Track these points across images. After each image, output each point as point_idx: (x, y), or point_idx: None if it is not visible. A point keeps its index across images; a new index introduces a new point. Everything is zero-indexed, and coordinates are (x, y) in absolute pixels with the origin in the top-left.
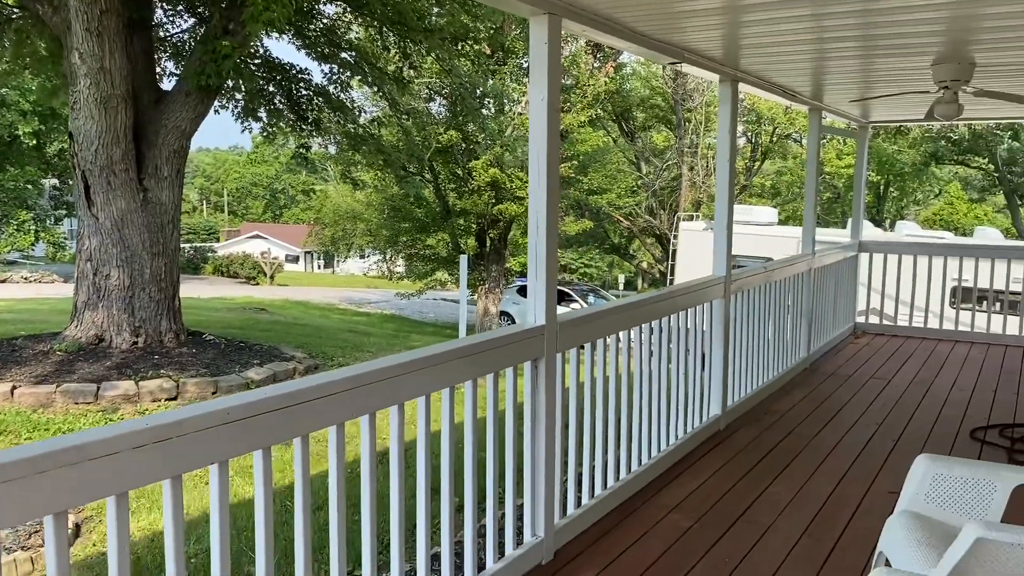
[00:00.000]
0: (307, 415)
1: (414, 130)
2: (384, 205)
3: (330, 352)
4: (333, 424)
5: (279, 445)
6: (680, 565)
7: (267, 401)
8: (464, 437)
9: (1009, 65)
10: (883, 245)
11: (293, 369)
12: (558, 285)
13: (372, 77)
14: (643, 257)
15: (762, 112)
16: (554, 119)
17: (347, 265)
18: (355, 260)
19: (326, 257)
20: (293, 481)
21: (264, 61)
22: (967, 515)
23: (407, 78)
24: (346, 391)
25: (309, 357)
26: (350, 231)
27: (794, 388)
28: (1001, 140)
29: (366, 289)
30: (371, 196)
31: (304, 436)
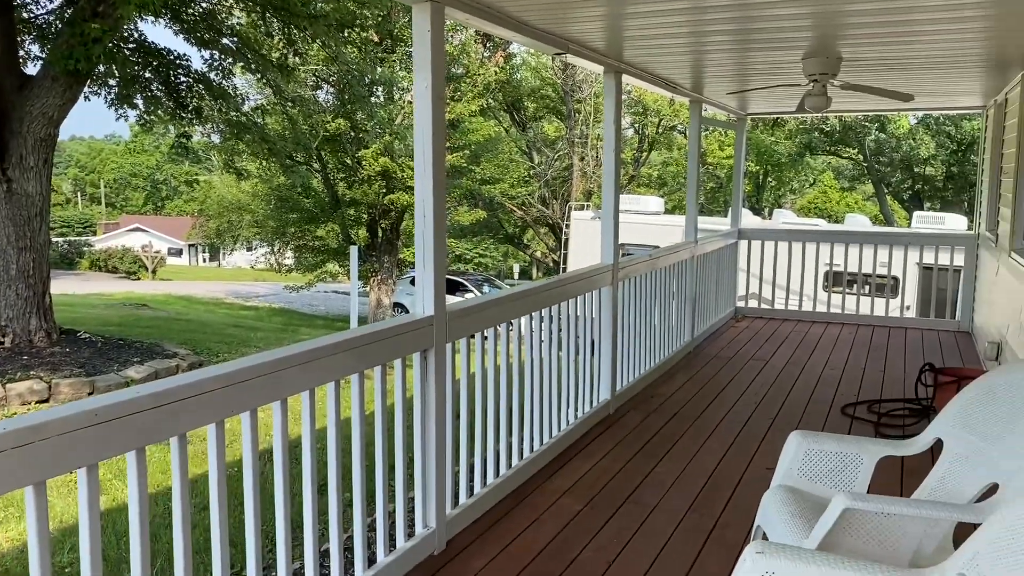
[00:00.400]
0: (184, 413)
1: (300, 118)
2: (271, 195)
3: (216, 348)
4: (212, 422)
5: (158, 445)
6: (570, 547)
7: (139, 400)
8: (352, 432)
9: (872, 60)
10: (761, 232)
11: (176, 366)
12: (452, 275)
13: (255, 64)
14: (537, 246)
15: (648, 104)
16: (439, 107)
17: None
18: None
19: (211, 250)
20: None
21: (139, 45)
22: (836, 487)
23: (292, 65)
24: (225, 387)
25: (193, 354)
26: (236, 223)
27: (679, 371)
28: (869, 131)
29: (254, 282)
30: (257, 186)
31: (181, 435)
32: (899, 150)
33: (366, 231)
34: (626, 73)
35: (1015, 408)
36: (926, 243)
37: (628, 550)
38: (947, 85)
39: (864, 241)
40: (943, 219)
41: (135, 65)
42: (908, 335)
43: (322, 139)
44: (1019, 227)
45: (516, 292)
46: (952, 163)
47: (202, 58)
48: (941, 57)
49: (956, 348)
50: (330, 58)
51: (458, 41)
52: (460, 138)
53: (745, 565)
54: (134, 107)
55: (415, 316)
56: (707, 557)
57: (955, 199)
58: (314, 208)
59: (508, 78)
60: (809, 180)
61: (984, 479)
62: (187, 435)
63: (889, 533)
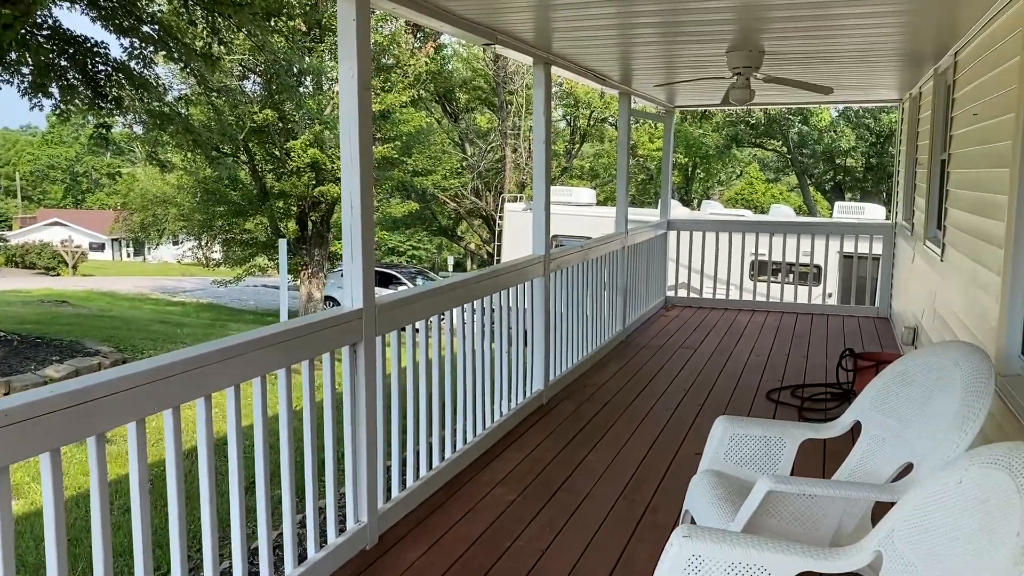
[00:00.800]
0: (101, 412)
1: (226, 109)
2: (197, 188)
3: (140, 345)
4: (132, 421)
5: (78, 446)
6: (504, 537)
7: (53, 400)
8: (279, 428)
9: (794, 53)
10: (689, 223)
11: (98, 364)
12: (385, 268)
13: (178, 53)
14: (471, 238)
15: (580, 96)
16: (365, 97)
17: (159, 252)
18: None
19: (136, 244)
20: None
21: (54, 32)
22: (761, 471)
23: (216, 54)
24: (145, 384)
25: (117, 351)
26: (161, 216)
27: (611, 360)
28: (793, 124)
29: (180, 277)
30: (182, 179)
31: (99, 435)
32: (821, 142)
33: (296, 224)
34: (555, 65)
35: (928, 391)
36: (847, 232)
37: (560, 538)
38: (866, 79)
39: (788, 231)
40: (863, 209)
41: (50, 53)
42: (830, 322)
43: (249, 130)
44: (933, 216)
45: (447, 284)
46: (871, 155)
47: (121, 46)
48: (859, 51)
49: (875, 334)
50: (256, 47)
51: (388, 31)
52: (391, 129)
53: (672, 550)
54: (49, 96)
55: (343, 309)
56: (638, 543)
57: (874, 189)
58: (242, 201)
59: (439, 69)
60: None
61: (899, 459)
62: (107, 435)
63: (811, 514)
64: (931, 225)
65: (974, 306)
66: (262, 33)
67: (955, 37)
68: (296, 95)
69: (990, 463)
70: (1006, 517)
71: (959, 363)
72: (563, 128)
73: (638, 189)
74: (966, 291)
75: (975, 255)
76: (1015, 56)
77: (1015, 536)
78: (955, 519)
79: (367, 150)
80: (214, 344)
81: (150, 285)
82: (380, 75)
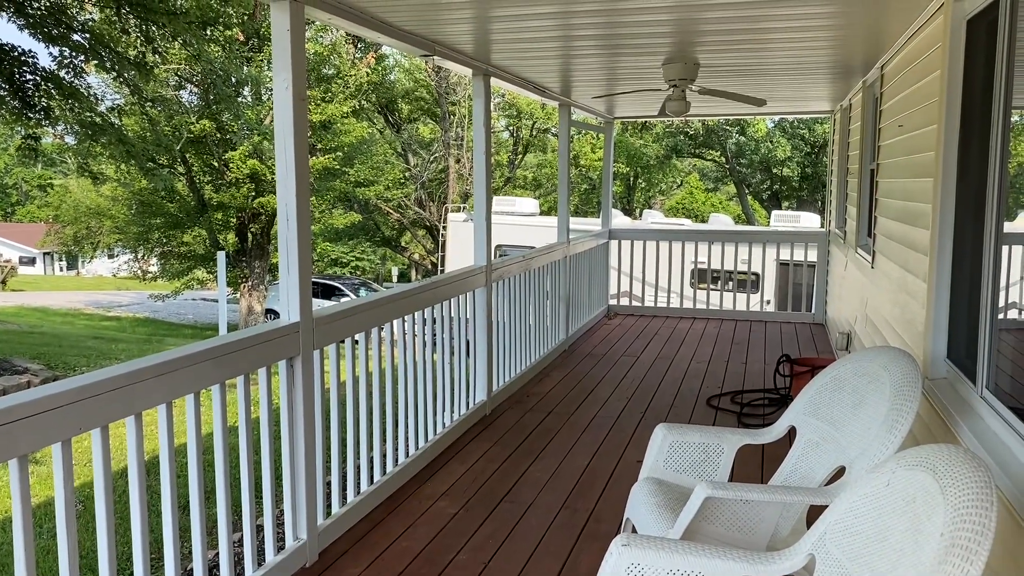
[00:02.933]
0: (24, 433)
1: (162, 119)
2: (132, 200)
3: (73, 362)
4: (57, 441)
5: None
6: (446, 551)
7: None
8: (214, 445)
9: (728, 66)
10: (631, 232)
11: (27, 383)
12: (327, 279)
13: (110, 62)
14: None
15: (522, 107)
16: (300, 108)
17: (94, 266)
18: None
19: (69, 258)
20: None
21: None
22: (700, 477)
23: (151, 64)
24: (72, 403)
25: (47, 369)
26: (95, 229)
27: (554, 369)
28: (730, 135)
29: (116, 291)
30: (117, 191)
31: (21, 458)
32: (758, 152)
33: (235, 236)
34: (495, 76)
35: (859, 395)
36: (783, 240)
37: (503, 550)
38: (798, 91)
39: (727, 240)
40: (798, 217)
41: None
42: (768, 328)
43: (186, 141)
44: (864, 224)
45: (388, 295)
46: (807, 164)
47: (51, 55)
48: (791, 64)
49: (812, 339)
50: (192, 57)
51: (328, 41)
52: (332, 140)
53: (611, 559)
54: None
55: (280, 323)
56: (580, 552)
57: (810, 198)
58: (179, 213)
59: (381, 79)
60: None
61: (833, 463)
62: (35, 456)
63: (748, 519)
64: (862, 233)
65: (903, 312)
66: (198, 42)
67: (881, 50)
68: (234, 105)
69: (915, 465)
70: (930, 517)
71: (888, 368)
72: (506, 139)
73: (581, 199)
74: (895, 297)
75: (903, 262)
76: (936, 70)
77: (939, 536)
78: (884, 520)
79: (303, 161)
80: (145, 360)
81: (84, 300)
82: (321, 85)
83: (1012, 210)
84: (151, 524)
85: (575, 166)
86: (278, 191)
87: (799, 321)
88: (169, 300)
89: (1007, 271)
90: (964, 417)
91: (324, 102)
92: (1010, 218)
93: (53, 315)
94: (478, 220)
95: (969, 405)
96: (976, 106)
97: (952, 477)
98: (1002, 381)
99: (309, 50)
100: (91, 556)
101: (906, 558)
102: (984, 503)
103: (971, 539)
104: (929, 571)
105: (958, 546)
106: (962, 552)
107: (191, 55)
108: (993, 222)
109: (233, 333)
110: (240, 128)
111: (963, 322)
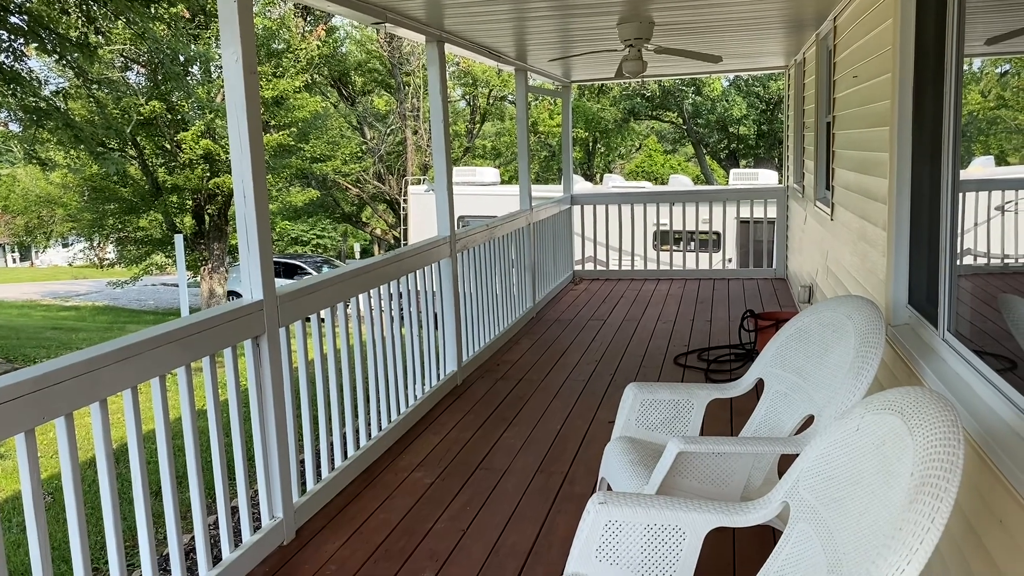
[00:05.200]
0: None
1: (110, 102)
2: (83, 186)
3: (32, 353)
4: (20, 431)
5: None
6: (423, 521)
7: None
8: (183, 428)
9: (683, 23)
10: (592, 197)
11: None
12: (290, 258)
13: (52, 44)
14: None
15: (478, 75)
16: (252, 82)
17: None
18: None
19: (21, 249)
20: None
21: None
22: (672, 433)
23: (94, 44)
24: (31, 393)
25: (6, 362)
26: (47, 218)
27: (523, 337)
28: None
29: (73, 281)
30: (67, 177)
31: None
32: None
33: (192, 218)
34: (449, 42)
35: (824, 344)
36: (742, 198)
37: (481, 516)
38: (752, 47)
39: (687, 200)
40: (756, 175)
41: None
42: (731, 285)
43: (136, 123)
44: (821, 177)
45: (351, 270)
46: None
47: None
48: (745, 20)
49: (774, 294)
50: (137, 36)
51: (277, 15)
52: (286, 116)
53: (589, 517)
54: None
55: (244, 302)
56: (557, 514)
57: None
58: (133, 197)
59: (332, 52)
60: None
61: (801, 412)
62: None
63: (721, 471)
64: (820, 186)
65: (863, 261)
66: (142, 21)
67: (833, 2)
68: (184, 85)
69: (883, 408)
70: (900, 458)
71: (851, 316)
72: (463, 108)
73: (541, 166)
74: (855, 247)
75: (862, 212)
76: (888, 18)
77: (909, 476)
78: (854, 465)
79: (257, 136)
80: (107, 345)
81: (40, 291)
82: (271, 61)
83: (966, 158)
84: (124, 512)
85: (534, 133)
86: (233, 168)
87: (761, 277)
88: (128, 287)
89: (963, 217)
90: (927, 360)
91: (275, 77)
92: (964, 165)
93: (8, 307)
94: (439, 190)
95: (932, 348)
96: (929, 53)
97: (920, 418)
98: (962, 324)
99: (258, 25)
100: (64, 547)
101: (877, 499)
102: (952, 441)
103: (940, 476)
104: (900, 510)
105: (928, 484)
106: (932, 490)
107: (136, 34)
108: (950, 169)
109: (196, 314)
110: (191, 107)
111: (923, 268)
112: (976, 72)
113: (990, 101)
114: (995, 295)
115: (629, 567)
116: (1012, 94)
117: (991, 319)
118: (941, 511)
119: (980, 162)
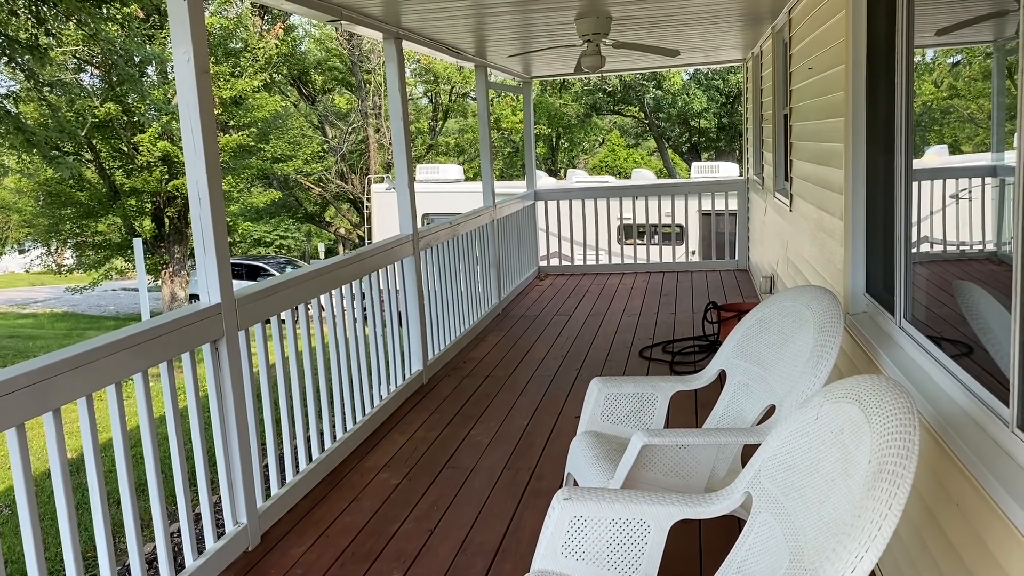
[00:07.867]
0: None
1: (63, 105)
2: (38, 191)
3: None
4: None
5: None
6: (390, 522)
7: None
8: (142, 437)
9: (641, 17)
10: (556, 192)
11: None
12: (252, 260)
13: (1, 47)
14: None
15: (439, 72)
16: (204, 81)
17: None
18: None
19: None
20: None
21: None
22: (636, 426)
23: (45, 46)
24: None
25: None
26: (2, 224)
27: (489, 334)
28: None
29: (30, 288)
30: (21, 182)
31: None
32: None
33: (152, 221)
34: (407, 39)
35: (784, 334)
36: (704, 191)
37: (448, 515)
38: (710, 40)
39: (650, 193)
40: (718, 168)
41: None
42: (694, 277)
43: (91, 126)
44: (780, 169)
45: (312, 271)
46: (723, 115)
47: None
48: (702, 13)
49: (737, 285)
50: (89, 37)
51: (233, 14)
52: (245, 116)
53: (554, 514)
54: None
55: (201, 305)
56: (525, 510)
57: (727, 148)
58: (90, 201)
59: (291, 51)
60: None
61: (763, 402)
62: None
63: (685, 463)
64: (779, 178)
65: (822, 251)
66: (94, 22)
67: None
68: (139, 86)
69: (841, 397)
70: (858, 446)
71: (810, 306)
72: (425, 105)
73: (505, 163)
74: (814, 237)
75: (820, 203)
76: (841, 11)
77: (867, 463)
78: (814, 453)
79: (211, 136)
80: (60, 353)
81: None
82: (229, 60)
83: (920, 147)
84: (84, 522)
85: (496, 129)
86: (187, 169)
87: (724, 269)
88: (88, 292)
89: (919, 206)
90: (885, 348)
91: (234, 77)
92: (919, 154)
93: None
94: (401, 188)
95: (889, 336)
96: (881, 45)
97: (876, 406)
98: (918, 312)
99: (214, 24)
100: (19, 561)
101: (837, 487)
102: (908, 428)
103: (897, 463)
104: (859, 497)
105: (885, 471)
106: (889, 476)
107: (88, 35)
108: (903, 158)
109: (151, 319)
110: (147, 109)
111: (879, 257)
112: (929, 63)
113: (943, 91)
114: (950, 282)
115: (595, 562)
116: (964, 84)
117: (948, 305)
118: (898, 497)
119: (934, 151)
